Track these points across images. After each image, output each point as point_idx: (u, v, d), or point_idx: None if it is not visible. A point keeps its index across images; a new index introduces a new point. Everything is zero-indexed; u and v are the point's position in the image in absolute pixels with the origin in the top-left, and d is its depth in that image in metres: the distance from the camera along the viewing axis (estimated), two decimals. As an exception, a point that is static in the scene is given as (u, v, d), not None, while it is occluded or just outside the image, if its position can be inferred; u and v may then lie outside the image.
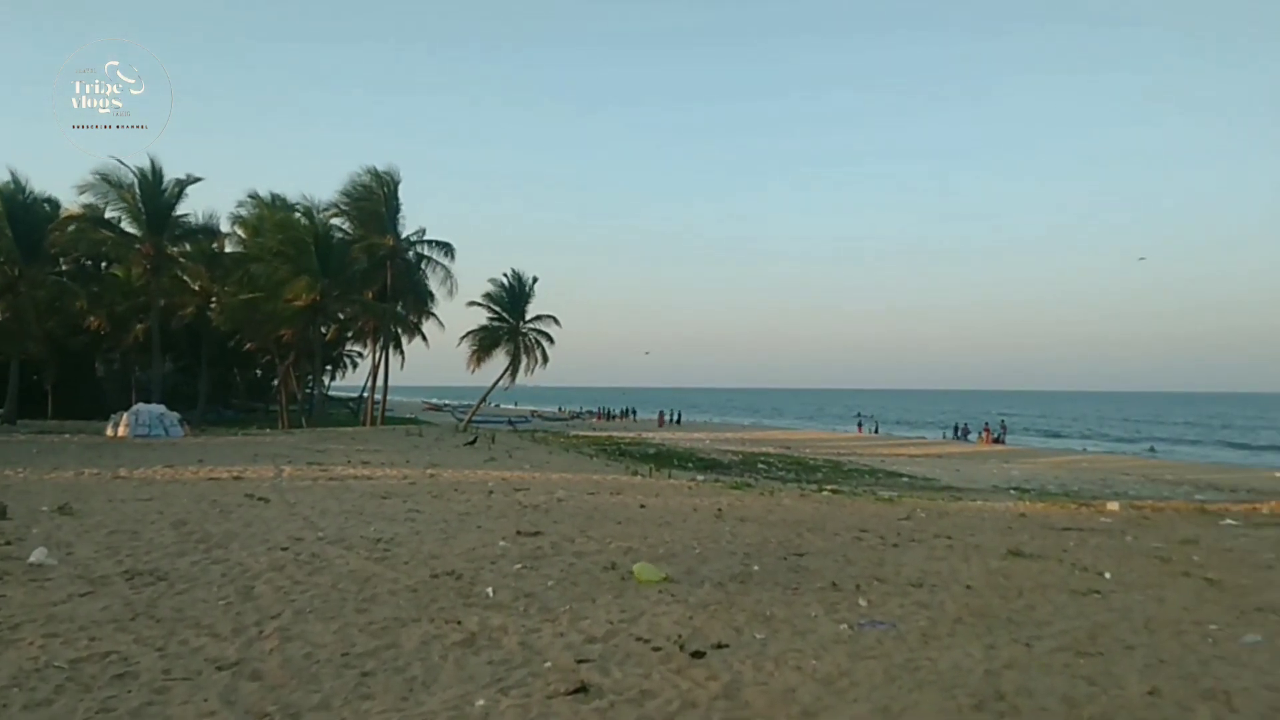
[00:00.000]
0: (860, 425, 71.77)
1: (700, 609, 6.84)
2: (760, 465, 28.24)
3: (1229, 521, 13.46)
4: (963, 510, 14.76)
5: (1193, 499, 20.48)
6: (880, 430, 68.49)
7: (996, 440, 55.20)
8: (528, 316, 44.76)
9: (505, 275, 44.96)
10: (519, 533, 10.21)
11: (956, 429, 64.83)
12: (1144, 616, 6.87)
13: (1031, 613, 6.98)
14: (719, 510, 12.87)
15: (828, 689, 5.03)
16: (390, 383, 45.55)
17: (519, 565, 8.36)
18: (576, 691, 4.90)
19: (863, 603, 7.17)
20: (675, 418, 72.17)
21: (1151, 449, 54.73)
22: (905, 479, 25.71)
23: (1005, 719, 4.60)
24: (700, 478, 20.69)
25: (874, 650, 5.82)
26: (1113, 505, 15.93)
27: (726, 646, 5.82)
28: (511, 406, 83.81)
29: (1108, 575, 8.54)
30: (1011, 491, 22.37)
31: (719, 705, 4.74)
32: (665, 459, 28.83)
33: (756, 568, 8.50)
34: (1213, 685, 5.16)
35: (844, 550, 9.65)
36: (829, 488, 19.25)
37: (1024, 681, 5.20)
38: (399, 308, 43.49)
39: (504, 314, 44.56)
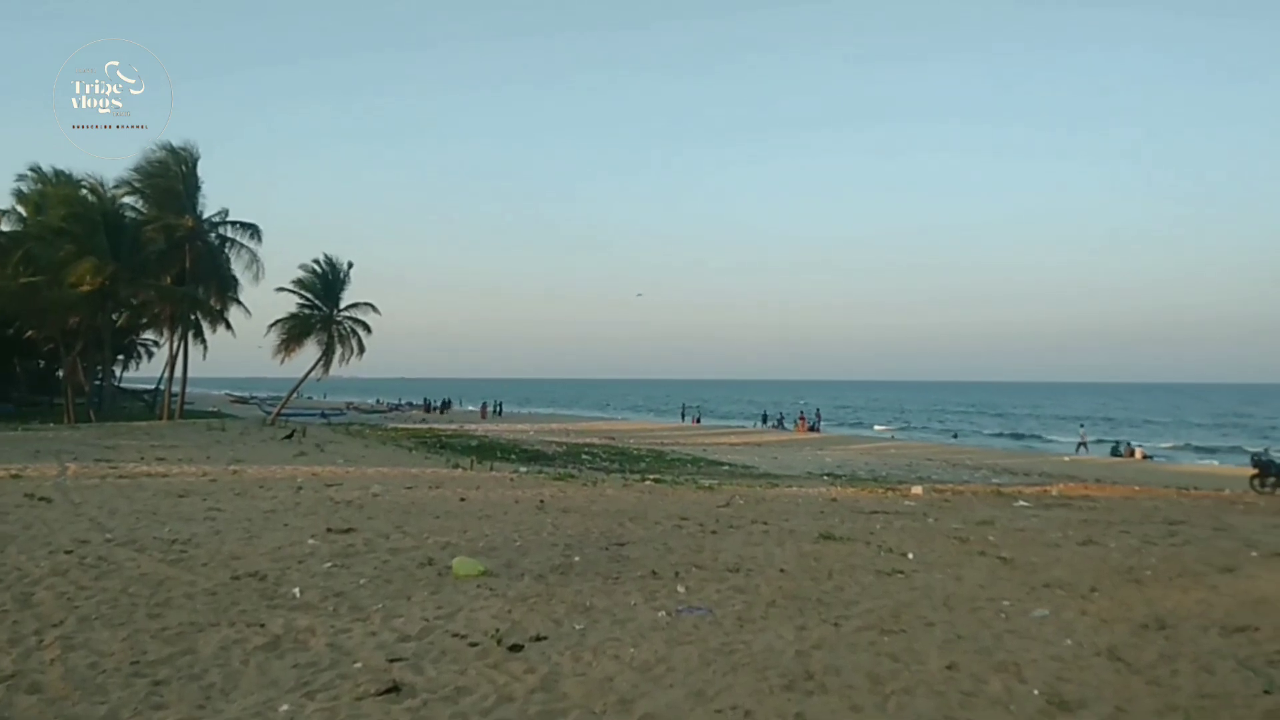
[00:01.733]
0: (684, 415, 73.64)
1: (519, 602, 6.70)
2: (585, 456, 28.29)
3: (1022, 503, 14.67)
4: (779, 496, 15.31)
5: (990, 482, 22.25)
6: (703, 420, 70.48)
7: (812, 428, 58.03)
8: (343, 304, 42.49)
9: (318, 261, 42.37)
10: (330, 530, 9.67)
11: (765, 417, 68.46)
12: (943, 594, 7.31)
13: (840, 593, 7.28)
14: (541, 502, 12.72)
15: (645, 676, 5.03)
16: (191, 374, 42.28)
17: (329, 564, 7.91)
18: (388, 692, 4.70)
19: (681, 589, 7.23)
20: (498, 409, 71.26)
21: (955, 435, 59.48)
22: (726, 467, 26.47)
23: (813, 697, 4.75)
24: (523, 470, 20.44)
25: (691, 636, 5.87)
26: (917, 489, 17.02)
27: (545, 639, 5.74)
28: (324, 399, 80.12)
29: (911, 556, 9.06)
30: (825, 477, 23.42)
31: (536, 698, 4.66)
32: (488, 451, 28.34)
33: (578, 558, 8.43)
34: (1005, 658, 5.54)
35: (665, 538, 9.75)
36: (651, 477, 19.50)
37: (832, 660, 5.39)
38: (199, 293, 40.29)
39: (317, 301, 42.02)
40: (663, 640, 5.75)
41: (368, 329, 42.96)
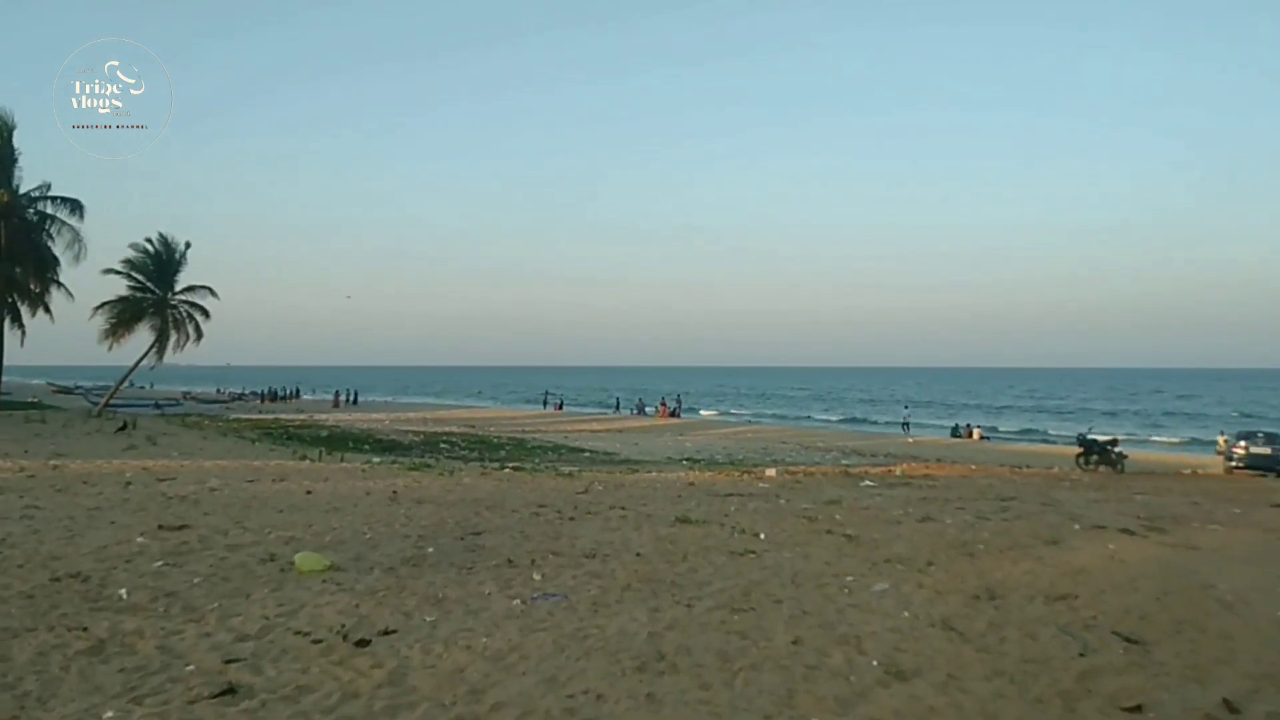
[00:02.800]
0: (546, 403, 73.34)
1: (368, 596, 6.44)
2: (443, 445, 27.62)
3: (867, 483, 15.32)
4: (638, 482, 15.41)
5: (839, 464, 23.18)
6: (565, 407, 70.39)
7: (673, 414, 58.91)
8: (178, 287, 39.64)
9: (150, 240, 39.15)
10: (161, 527, 9.01)
11: (618, 403, 69.71)
12: (792, 572, 7.51)
13: (694, 575, 7.36)
14: (394, 493, 12.30)
15: (497, 665, 4.93)
16: (7, 362, 38.57)
17: (160, 563, 7.36)
18: (223, 694, 4.42)
19: (537, 577, 7.14)
20: (352, 398, 68.58)
21: (809, 418, 61.84)
22: (587, 454, 26.47)
23: (665, 677, 4.77)
24: (376, 460, 19.73)
25: (545, 623, 5.80)
26: (771, 471, 17.52)
27: (394, 632, 5.53)
28: (157, 388, 75.12)
29: (763, 536, 9.28)
30: (684, 462, 23.78)
31: (383, 693, 4.49)
32: (339, 441, 27.21)
33: (431, 549, 8.18)
34: (847, 631, 5.75)
35: (522, 526, 9.61)
36: (511, 465, 19.26)
37: (683, 640, 5.44)
38: (15, 274, 36.74)
39: (149, 284, 38.97)
40: (516, 628, 5.65)
41: (206, 314, 40.33)
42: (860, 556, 8.28)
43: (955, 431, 47.24)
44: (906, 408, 58.88)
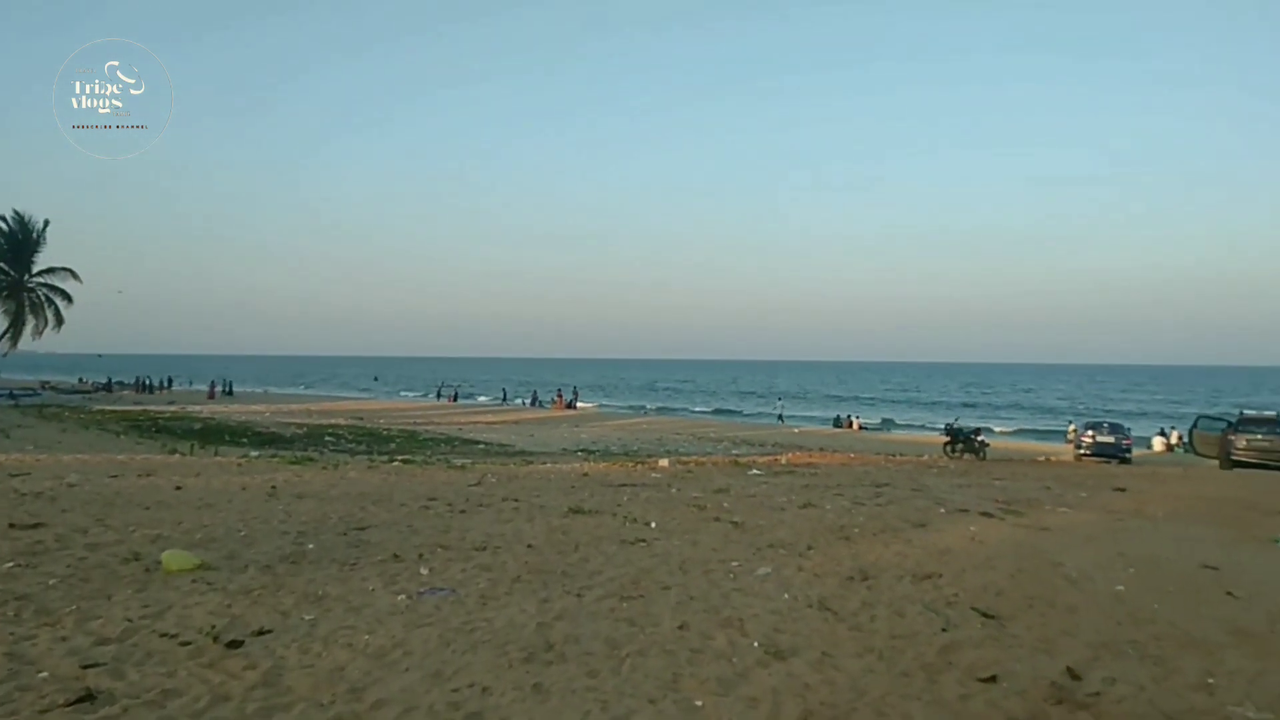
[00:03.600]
0: (439, 394, 72.13)
1: (242, 595, 6.23)
2: (328, 438, 26.85)
3: (755, 471, 15.75)
4: (531, 473, 15.39)
5: (730, 454, 23.73)
6: (460, 398, 69.38)
7: (569, 406, 58.87)
8: (35, 269, 37.04)
9: (4, 218, 36.57)
10: (12, 525, 8.45)
11: (504, 395, 70.69)
12: (680, 559, 7.69)
13: (585, 564, 7.45)
14: (273, 488, 11.90)
15: (379, 662, 4.88)
16: None
17: (10, 564, 6.91)
18: (80, 701, 4.20)
19: (424, 571, 7.07)
20: (227, 388, 65.60)
21: (687, 410, 62.91)
22: (481, 446, 26.22)
23: (552, 667, 4.83)
24: (254, 454, 19.01)
25: (431, 618, 5.76)
26: (664, 462, 17.80)
27: (270, 632, 5.38)
28: (9, 377, 70.12)
29: (653, 524, 9.45)
30: (579, 453, 23.90)
31: (256, 695, 4.37)
32: (214, 434, 26.04)
33: (312, 546, 7.97)
34: (731, 614, 5.95)
35: (410, 520, 9.48)
36: (400, 458, 18.90)
37: (572, 630, 5.51)
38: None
39: (1, 264, 36.35)
40: (401, 624, 5.59)
41: (68, 298, 37.90)
42: (745, 542, 8.54)
43: (837, 422, 49.10)
44: (780, 400, 61.24)
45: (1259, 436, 22.42)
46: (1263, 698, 4.60)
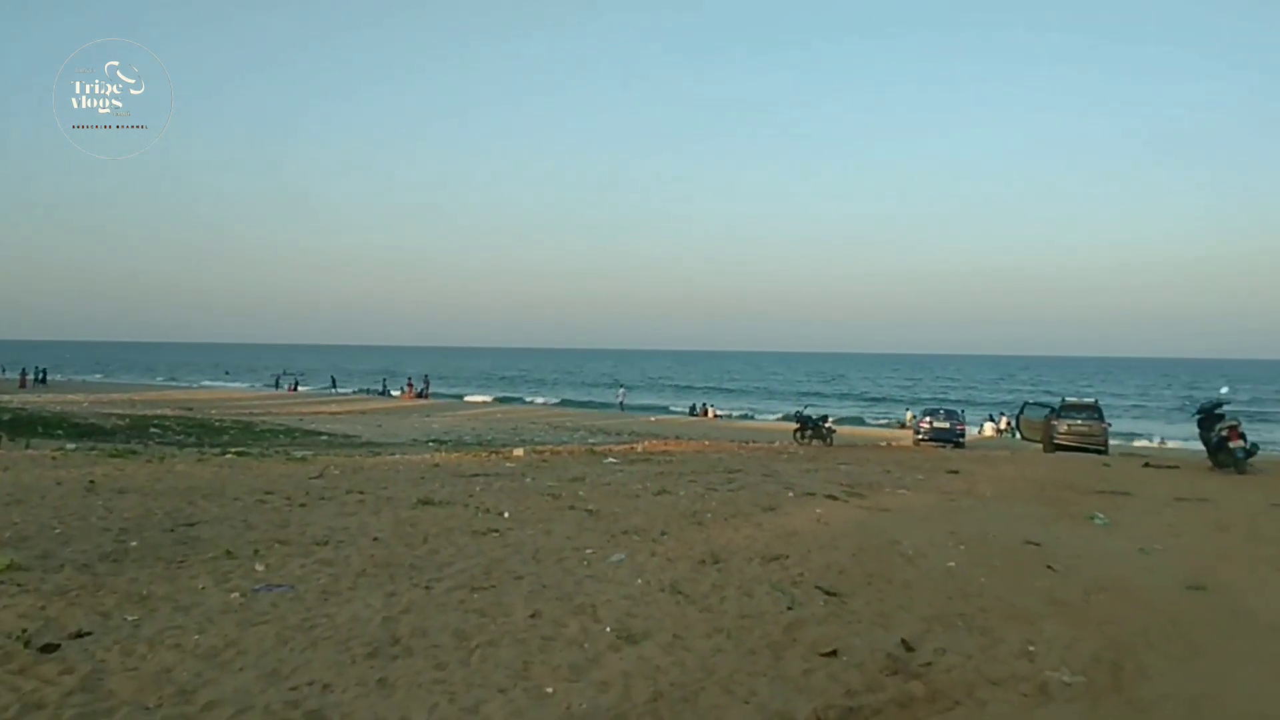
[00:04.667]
0: (279, 383, 68.83)
1: (57, 596, 5.71)
2: (154, 429, 24.99)
3: (610, 460, 15.81)
4: (378, 465, 14.89)
5: (585, 442, 23.73)
6: (300, 387, 66.47)
7: (420, 395, 57.47)
8: None
9: None
10: None
11: (334, 381, 69.41)
12: (534, 548, 7.61)
13: (435, 556, 7.25)
14: (91, 482, 10.97)
15: (211, 663, 4.58)
16: None
17: None
18: None
19: (260, 568, 6.69)
20: (40, 376, 60.02)
21: (562, 401, 62.85)
22: (324, 437, 25.16)
23: (398, 661, 4.69)
24: (71, 446, 17.49)
25: (267, 615, 5.45)
26: (518, 451, 17.62)
27: (89, 634, 4.96)
28: None
29: (507, 514, 9.31)
30: (430, 443, 23.31)
31: (74, 701, 4.02)
32: (25, 426, 23.71)
33: (135, 543, 7.40)
34: (584, 601, 5.94)
35: (244, 515, 8.95)
36: (234, 450, 17.85)
37: (420, 623, 5.36)
38: None
39: None
40: (234, 623, 5.27)
41: None
42: (600, 530, 8.56)
43: (692, 410, 50.21)
44: (622, 388, 62.51)
45: (1079, 421, 24.45)
46: (1076, 662, 4.99)
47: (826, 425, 26.16)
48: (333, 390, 64.98)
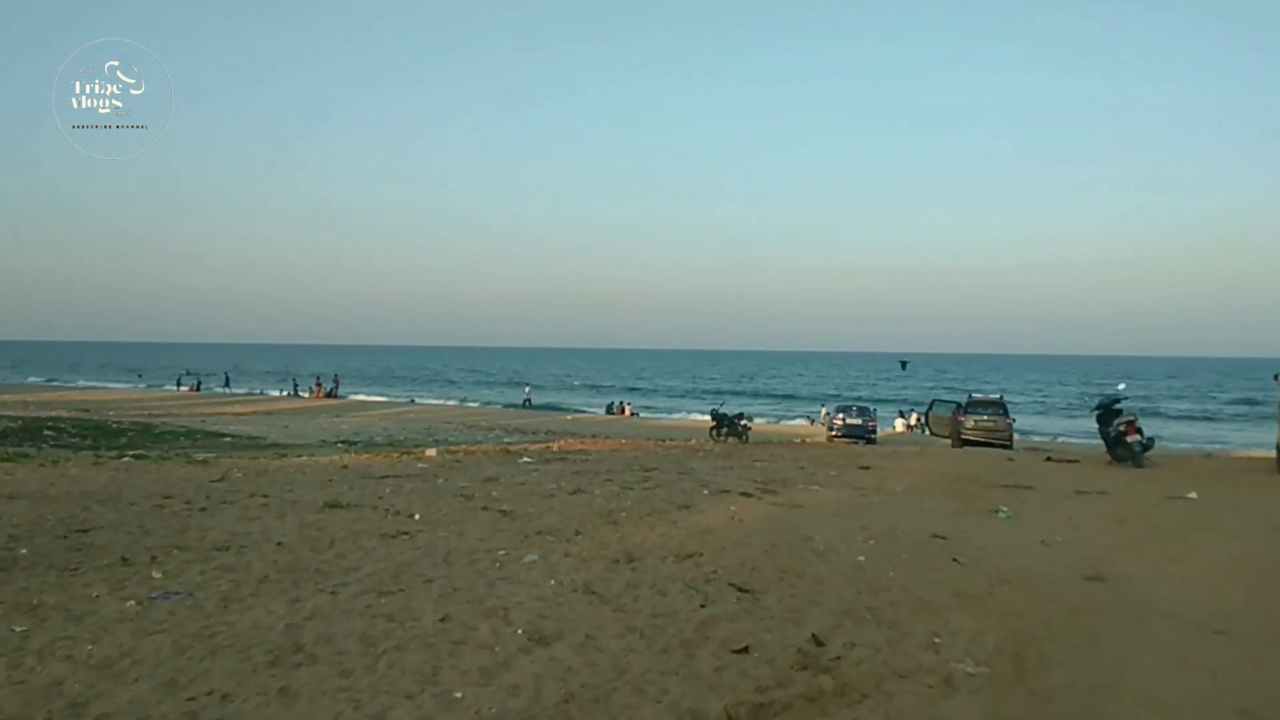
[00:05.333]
0: (180, 383, 66.27)
1: (-64, 611, 5.38)
2: (47, 431, 23.72)
3: (526, 459, 15.67)
4: (284, 467, 14.44)
5: (501, 442, 23.47)
6: (204, 387, 64.12)
7: (329, 394, 56.05)
8: None
9: None
10: None
11: (227, 378, 68.48)
12: (445, 551, 7.50)
13: (342, 561, 7.08)
14: (-24, 487, 10.39)
15: (104, 674, 4.40)
16: None
17: None
18: None
19: (157, 575, 6.43)
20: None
21: (411, 400, 62.24)
22: (228, 439, 24.26)
23: (301, 669, 4.57)
24: (-47, 451, 16.51)
25: (165, 624, 5.25)
26: (431, 451, 17.32)
27: (-29, 648, 4.68)
28: None
29: (418, 516, 9.14)
30: (340, 445, 22.75)
31: (-48, 721, 3.80)
32: (-97, 430, 22.38)
33: (24, 551, 7.02)
34: (495, 603, 5.87)
35: (141, 520, 8.58)
36: (132, 453, 17.08)
37: (325, 629, 5.23)
38: None
39: None
40: (129, 632, 5.05)
41: None
42: (514, 530, 8.48)
43: (610, 409, 50.25)
44: (528, 386, 62.71)
45: (985, 417, 25.37)
46: (980, 653, 5.16)
47: (742, 423, 26.53)
48: (226, 390, 63.05)
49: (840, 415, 29.00)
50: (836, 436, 27.85)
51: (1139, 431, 17.94)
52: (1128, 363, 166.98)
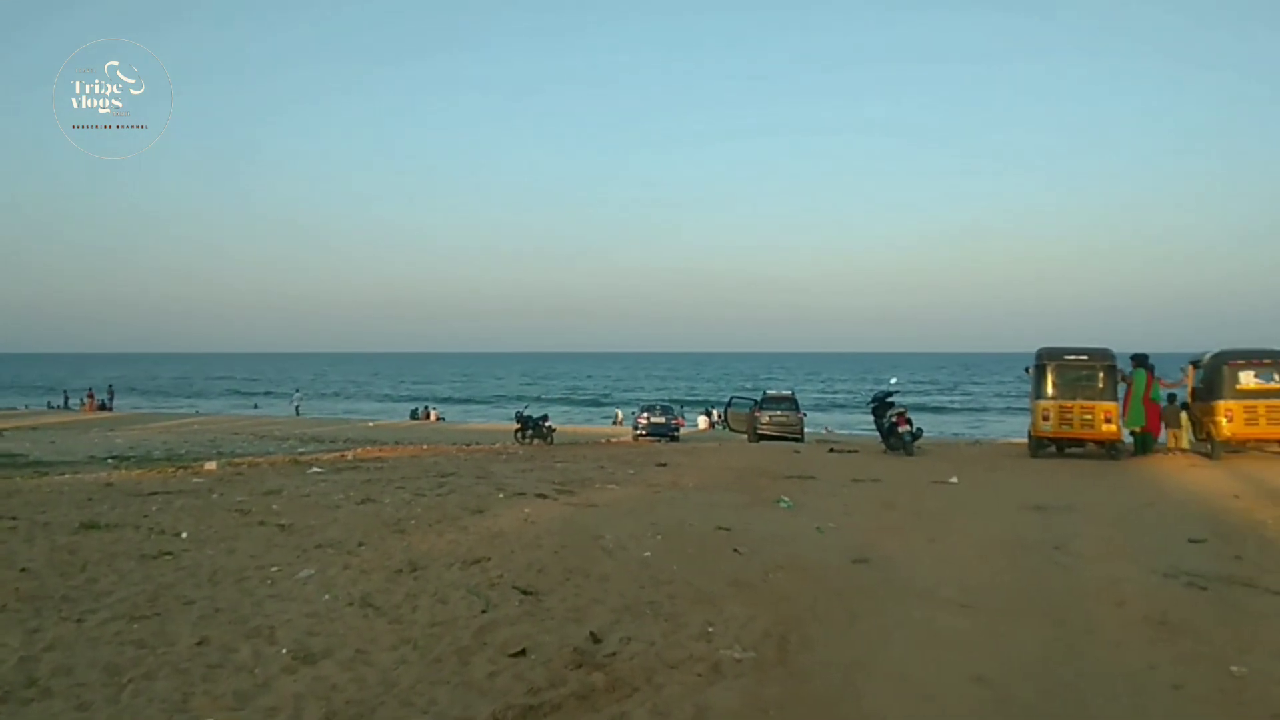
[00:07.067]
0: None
1: None
2: None
3: (315, 470, 14.93)
4: (40, 486, 13.05)
5: (294, 451, 22.25)
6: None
7: (103, 407, 51.39)
8: None
9: None
10: None
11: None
12: (211, 570, 7.05)
13: (93, 585, 6.54)
14: None
15: None
16: None
17: None
18: None
19: None
20: None
21: (255, 406, 58.59)
22: (-22, 458, 21.72)
23: (32, 705, 4.23)
24: None
25: None
26: (211, 465, 16.17)
27: None
28: None
29: (185, 535, 8.53)
30: (109, 460, 20.93)
31: None
32: None
33: None
34: (261, 623, 5.60)
35: None
36: None
37: (65, 660, 4.84)
38: None
39: None
40: None
41: None
42: (291, 545, 8.07)
43: (414, 414, 49.08)
44: (298, 391, 61.20)
45: (778, 412, 26.89)
46: (749, 639, 5.45)
47: (547, 425, 26.64)
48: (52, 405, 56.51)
49: (645, 414, 29.73)
50: (642, 435, 28.51)
51: (909, 422, 19.60)
52: (900, 359, 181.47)
